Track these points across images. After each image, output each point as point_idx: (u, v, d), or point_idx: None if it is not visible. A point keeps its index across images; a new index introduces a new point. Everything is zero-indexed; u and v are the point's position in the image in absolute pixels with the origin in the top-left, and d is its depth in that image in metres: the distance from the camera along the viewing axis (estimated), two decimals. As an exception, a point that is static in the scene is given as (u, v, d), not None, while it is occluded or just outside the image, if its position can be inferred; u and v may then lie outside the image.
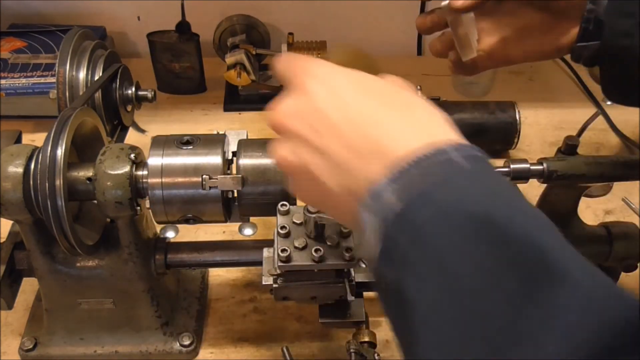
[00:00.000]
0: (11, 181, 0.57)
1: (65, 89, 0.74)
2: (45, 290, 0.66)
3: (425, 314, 0.27)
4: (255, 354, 0.71)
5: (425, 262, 0.28)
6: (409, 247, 0.29)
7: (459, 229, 0.28)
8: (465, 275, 0.27)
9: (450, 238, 0.28)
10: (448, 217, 0.28)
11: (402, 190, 0.30)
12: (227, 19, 1.09)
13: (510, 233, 0.27)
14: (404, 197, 0.30)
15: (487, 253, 0.27)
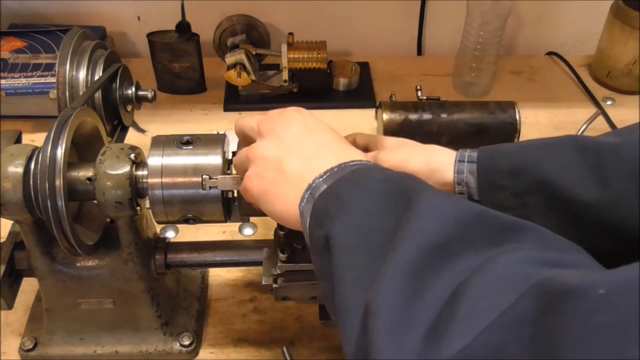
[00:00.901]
0: (11, 181, 0.57)
1: (65, 89, 0.74)
2: (45, 290, 0.66)
3: (341, 250, 0.38)
4: (255, 354, 0.71)
5: (342, 213, 0.39)
6: (331, 207, 0.41)
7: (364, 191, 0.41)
8: (365, 214, 0.39)
9: (357, 197, 0.40)
10: (358, 186, 0.41)
11: (327, 179, 0.44)
12: (227, 19, 1.09)
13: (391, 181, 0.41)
14: (329, 182, 0.44)
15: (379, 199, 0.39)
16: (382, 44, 1.24)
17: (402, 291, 0.32)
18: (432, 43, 1.25)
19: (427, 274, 0.32)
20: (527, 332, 0.26)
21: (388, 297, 0.32)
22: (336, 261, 0.38)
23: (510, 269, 0.30)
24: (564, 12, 1.21)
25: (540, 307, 0.26)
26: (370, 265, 0.35)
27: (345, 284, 0.37)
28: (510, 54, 1.26)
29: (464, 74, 1.11)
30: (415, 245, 0.33)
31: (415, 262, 0.32)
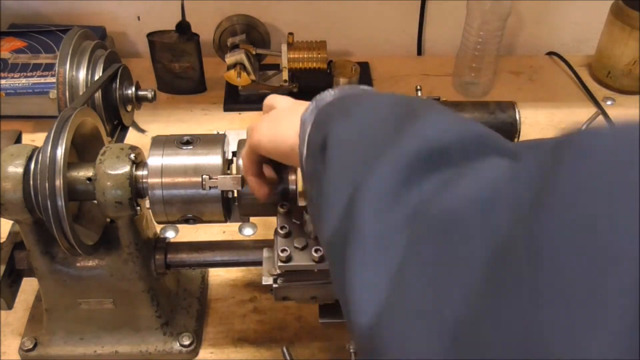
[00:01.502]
0: (11, 181, 0.57)
1: (65, 89, 0.74)
2: (45, 290, 0.66)
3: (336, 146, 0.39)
4: (255, 354, 0.71)
5: (344, 118, 0.40)
6: (333, 110, 0.43)
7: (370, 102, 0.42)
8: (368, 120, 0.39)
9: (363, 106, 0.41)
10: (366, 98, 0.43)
11: (336, 94, 0.46)
12: (227, 19, 1.09)
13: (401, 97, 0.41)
14: (337, 96, 0.46)
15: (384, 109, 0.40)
16: (382, 44, 1.24)
17: (395, 178, 0.32)
18: (432, 43, 1.25)
19: (422, 170, 0.32)
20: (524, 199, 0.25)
21: (380, 180, 0.33)
22: (329, 155, 0.39)
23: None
24: (564, 12, 1.21)
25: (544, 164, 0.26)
26: (364, 159, 0.36)
27: (335, 173, 0.38)
28: (510, 54, 1.25)
29: (464, 74, 1.11)
30: (416, 145, 0.33)
31: (413, 157, 0.33)
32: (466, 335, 0.25)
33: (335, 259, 0.36)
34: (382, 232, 0.31)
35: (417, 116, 0.36)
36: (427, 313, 0.27)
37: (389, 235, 0.31)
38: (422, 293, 0.28)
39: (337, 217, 0.35)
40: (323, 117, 0.43)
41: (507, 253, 0.24)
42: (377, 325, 0.30)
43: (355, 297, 0.32)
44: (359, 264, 0.32)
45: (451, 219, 0.28)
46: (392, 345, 0.28)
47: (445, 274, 0.27)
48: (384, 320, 0.29)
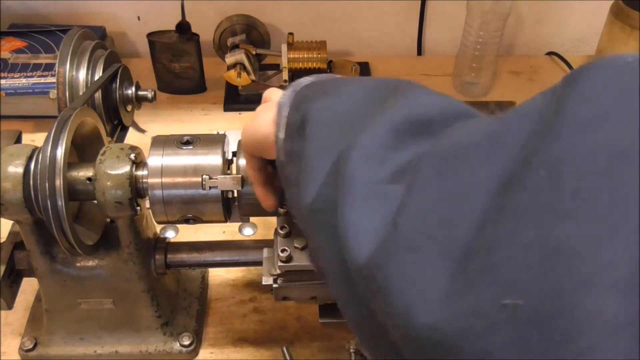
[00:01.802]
0: (11, 181, 0.57)
1: (65, 89, 0.74)
2: (45, 290, 0.66)
3: (316, 123, 0.38)
4: (255, 354, 0.71)
5: (323, 97, 0.40)
6: (311, 92, 0.42)
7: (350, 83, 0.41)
8: (349, 99, 0.39)
9: (343, 86, 0.40)
10: (345, 80, 0.42)
11: (313, 78, 0.46)
12: (227, 19, 1.09)
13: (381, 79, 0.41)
14: (313, 79, 0.45)
15: (365, 89, 0.39)
16: (382, 44, 1.24)
17: (383, 140, 0.32)
18: (432, 43, 1.25)
19: (409, 135, 0.32)
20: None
21: (368, 142, 0.33)
22: (309, 131, 0.38)
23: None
24: (564, 12, 1.21)
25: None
26: (348, 129, 0.35)
27: (316, 146, 0.37)
28: (510, 54, 1.25)
29: (464, 74, 1.11)
30: (401, 114, 0.33)
31: (399, 124, 0.33)
32: (477, 257, 0.24)
33: (317, 222, 0.35)
34: (375, 182, 0.31)
35: (401, 92, 0.36)
36: (432, 239, 0.27)
37: (382, 184, 0.31)
38: (426, 222, 0.27)
39: (320, 183, 0.35)
40: (302, 98, 0.42)
41: (522, 175, 0.24)
42: (378, 256, 0.29)
43: (351, 233, 0.31)
44: (354, 207, 0.31)
45: (457, 153, 0.28)
46: (394, 274, 0.28)
47: (451, 203, 0.27)
48: (384, 250, 0.29)
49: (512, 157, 0.25)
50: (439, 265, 0.26)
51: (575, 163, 0.22)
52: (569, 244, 0.21)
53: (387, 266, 0.28)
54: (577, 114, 0.23)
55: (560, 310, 0.20)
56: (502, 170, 0.25)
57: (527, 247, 0.22)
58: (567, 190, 0.22)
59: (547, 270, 0.21)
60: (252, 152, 0.52)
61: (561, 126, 0.23)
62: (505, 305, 0.22)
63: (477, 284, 0.24)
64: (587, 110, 0.23)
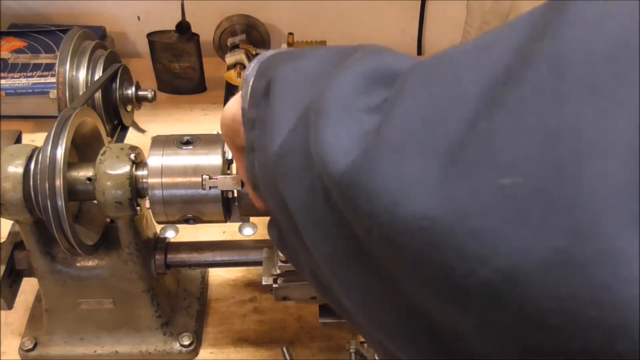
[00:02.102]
0: (11, 181, 0.57)
1: (65, 89, 0.74)
2: (45, 290, 0.66)
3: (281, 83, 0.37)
4: (255, 354, 0.71)
5: (289, 61, 0.39)
6: (277, 59, 0.41)
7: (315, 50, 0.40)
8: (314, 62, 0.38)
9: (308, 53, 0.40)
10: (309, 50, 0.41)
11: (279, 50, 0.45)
12: (227, 19, 1.09)
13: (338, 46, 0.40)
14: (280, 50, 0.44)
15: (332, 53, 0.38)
16: (382, 44, 1.24)
17: (355, 86, 0.31)
18: (432, 43, 1.25)
19: (379, 86, 0.31)
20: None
21: (343, 83, 0.31)
22: (274, 91, 0.37)
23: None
24: (564, 12, 1.21)
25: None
26: (313, 87, 0.34)
27: (281, 102, 0.36)
28: (510, 54, 1.25)
29: (464, 74, 1.11)
30: (373, 64, 0.32)
31: (371, 72, 0.32)
32: (470, 147, 0.23)
33: (285, 168, 0.34)
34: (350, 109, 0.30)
35: (368, 49, 0.35)
36: (418, 139, 0.25)
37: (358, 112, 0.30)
38: (412, 124, 0.26)
39: (287, 129, 0.34)
40: (266, 66, 0.41)
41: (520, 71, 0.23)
42: (361, 161, 0.27)
43: (327, 148, 0.29)
44: (328, 127, 0.30)
45: (444, 63, 0.27)
46: (379, 174, 0.26)
47: (439, 104, 0.26)
48: (368, 156, 0.27)
49: (505, 58, 0.24)
50: (428, 159, 0.24)
51: (577, 54, 0.22)
52: (572, 122, 0.21)
53: (371, 169, 0.27)
54: (583, 13, 0.23)
55: (562, 182, 0.20)
56: (492, 71, 0.24)
57: (529, 132, 0.21)
58: (570, 78, 0.21)
59: (549, 148, 0.21)
60: (229, 142, 0.50)
61: (564, 25, 0.23)
62: (504, 185, 0.21)
63: (472, 170, 0.23)
64: (593, 9, 0.23)
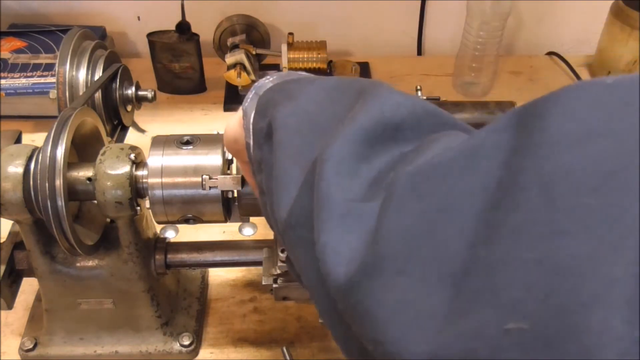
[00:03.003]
0: (11, 181, 0.57)
1: (65, 89, 0.74)
2: (45, 290, 0.66)
3: (283, 130, 0.37)
4: (255, 354, 0.71)
5: (288, 102, 0.39)
6: (277, 98, 0.40)
7: (314, 85, 0.40)
8: (314, 102, 0.38)
9: (307, 89, 0.40)
10: (308, 82, 0.41)
11: (275, 80, 0.44)
12: (227, 19, 1.09)
13: (344, 79, 0.40)
14: (276, 82, 0.44)
15: (330, 91, 0.39)
16: (382, 44, 1.24)
17: (354, 150, 0.32)
18: (432, 43, 1.25)
19: (379, 145, 0.32)
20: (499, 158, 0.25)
21: (341, 151, 0.32)
22: (277, 138, 0.37)
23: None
24: (564, 12, 1.21)
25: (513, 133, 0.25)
26: (316, 136, 0.35)
27: (285, 155, 0.36)
28: (510, 54, 1.26)
29: (464, 74, 1.11)
30: (373, 118, 0.32)
31: (370, 132, 0.32)
32: (473, 279, 0.23)
33: (295, 237, 0.34)
34: (349, 200, 0.30)
35: (367, 93, 0.35)
36: (419, 261, 0.25)
37: (357, 202, 0.30)
38: (409, 242, 0.26)
39: (294, 196, 0.34)
40: (265, 103, 0.41)
41: (512, 194, 0.23)
42: (359, 278, 0.28)
43: (328, 254, 0.30)
44: (330, 228, 0.30)
45: (432, 170, 0.27)
46: (381, 300, 0.26)
47: (434, 223, 0.26)
48: (365, 272, 0.27)
49: (493, 173, 0.25)
50: (431, 289, 0.25)
51: (567, 181, 0.22)
52: (568, 262, 0.21)
53: (372, 291, 0.27)
54: (564, 131, 0.23)
55: (567, 333, 0.20)
56: (481, 185, 0.25)
57: (525, 267, 0.22)
58: (563, 209, 0.22)
59: (548, 291, 0.21)
60: (232, 155, 0.52)
61: (548, 144, 0.23)
62: (509, 330, 0.21)
63: (477, 307, 0.23)
64: (574, 127, 0.23)
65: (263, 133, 0.40)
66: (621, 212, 0.20)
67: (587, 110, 0.23)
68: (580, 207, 0.21)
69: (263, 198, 0.40)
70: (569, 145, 0.23)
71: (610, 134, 0.22)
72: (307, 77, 0.45)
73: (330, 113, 0.36)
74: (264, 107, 0.41)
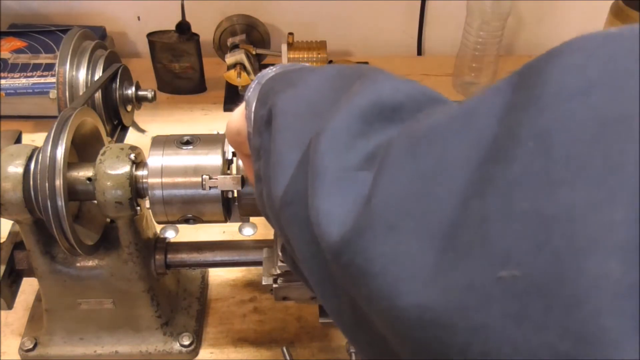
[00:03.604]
0: (11, 181, 0.57)
1: (65, 89, 0.74)
2: (45, 290, 0.66)
3: (282, 115, 0.38)
4: (255, 354, 0.71)
5: (289, 89, 0.39)
6: (276, 84, 0.41)
7: (315, 73, 0.40)
8: (314, 89, 0.38)
9: (308, 77, 0.40)
10: (310, 71, 0.42)
11: (277, 69, 0.45)
12: (227, 19, 1.09)
13: (345, 67, 0.40)
14: (278, 70, 0.45)
15: (331, 78, 0.39)
16: (382, 44, 1.24)
17: (350, 126, 0.31)
18: (432, 43, 1.25)
19: (376, 123, 0.31)
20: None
21: (338, 126, 0.32)
22: (276, 124, 0.37)
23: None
24: (564, 12, 1.21)
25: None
26: (314, 118, 0.35)
27: (283, 139, 0.36)
28: (510, 54, 1.26)
29: (464, 74, 1.11)
30: (370, 98, 0.32)
31: (368, 109, 0.32)
32: (466, 230, 0.23)
33: (290, 215, 0.34)
34: (344, 169, 0.30)
35: (366, 77, 0.35)
36: (411, 216, 0.25)
37: (352, 171, 0.30)
38: (403, 199, 0.26)
39: (290, 174, 0.34)
40: (266, 91, 0.42)
41: (508, 147, 0.23)
42: (353, 237, 0.27)
43: (322, 218, 0.29)
44: (323, 194, 0.30)
45: (429, 131, 0.27)
46: (374, 255, 0.26)
47: (428, 179, 0.25)
48: (359, 230, 0.27)
49: (490, 130, 0.24)
50: (423, 241, 0.24)
51: (565, 132, 0.21)
52: (566, 210, 0.20)
53: (365, 247, 0.27)
54: (564, 83, 0.22)
55: (561, 278, 0.20)
56: (480, 143, 0.24)
57: (522, 217, 0.21)
58: (560, 159, 0.21)
59: (545, 239, 0.20)
60: (236, 150, 0.52)
61: (547, 96, 0.23)
62: (501, 277, 0.21)
63: (468, 258, 0.22)
64: (574, 79, 0.22)
65: (264, 120, 0.40)
66: (621, 159, 0.20)
67: (586, 60, 0.23)
68: (578, 155, 0.21)
69: (259, 186, 0.40)
70: (568, 97, 0.22)
71: (610, 83, 0.21)
72: (310, 66, 0.45)
73: (330, 99, 0.36)
74: (265, 95, 0.41)
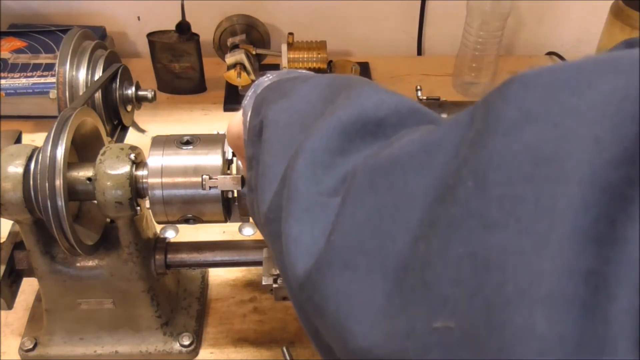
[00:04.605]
0: (11, 181, 0.57)
1: (65, 89, 0.74)
2: (45, 290, 0.66)
3: (272, 127, 0.38)
4: (255, 354, 0.71)
5: (281, 100, 0.39)
6: (270, 94, 0.41)
7: (307, 84, 0.40)
8: (304, 100, 0.38)
9: (300, 88, 0.40)
10: (303, 81, 0.41)
11: (273, 78, 0.45)
12: (227, 19, 1.09)
13: (336, 77, 0.40)
14: (274, 78, 0.45)
15: (321, 89, 0.38)
16: (382, 44, 1.24)
17: (329, 145, 0.31)
18: (432, 43, 1.25)
19: (358, 139, 0.31)
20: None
21: (318, 144, 0.31)
22: (265, 136, 0.38)
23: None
24: (564, 12, 1.21)
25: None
26: (299, 132, 0.35)
27: (271, 152, 0.37)
28: (510, 54, 1.26)
29: (464, 74, 1.11)
30: (350, 115, 0.32)
31: (349, 126, 0.31)
32: (411, 274, 0.23)
33: (273, 232, 0.34)
34: (317, 193, 0.30)
35: (352, 89, 0.35)
36: (366, 255, 0.25)
37: (325, 196, 0.30)
38: (360, 237, 0.26)
39: (274, 191, 0.34)
40: (260, 101, 0.42)
41: (453, 187, 0.23)
42: (314, 273, 0.28)
43: (291, 247, 0.29)
44: (295, 220, 0.30)
45: (391, 165, 0.27)
46: (329, 294, 0.26)
47: (385, 216, 0.25)
48: (319, 267, 0.27)
49: (445, 167, 0.24)
50: (374, 281, 0.24)
51: (499, 170, 0.21)
52: (497, 256, 0.20)
53: (322, 284, 0.27)
54: (501, 117, 0.22)
55: (490, 330, 0.19)
56: (435, 181, 0.24)
57: (457, 263, 0.21)
58: (493, 200, 0.21)
59: (476, 287, 0.20)
60: (237, 154, 0.52)
61: (487, 131, 0.22)
62: (437, 328, 0.21)
63: (410, 304, 0.22)
64: (511, 112, 0.22)
65: (256, 130, 0.40)
66: (552, 203, 0.19)
67: (526, 93, 0.22)
68: (511, 197, 0.20)
69: (251, 195, 0.41)
70: (504, 132, 0.22)
71: (546, 118, 0.21)
72: (305, 75, 0.45)
73: (316, 109, 0.36)
74: (259, 105, 0.41)
